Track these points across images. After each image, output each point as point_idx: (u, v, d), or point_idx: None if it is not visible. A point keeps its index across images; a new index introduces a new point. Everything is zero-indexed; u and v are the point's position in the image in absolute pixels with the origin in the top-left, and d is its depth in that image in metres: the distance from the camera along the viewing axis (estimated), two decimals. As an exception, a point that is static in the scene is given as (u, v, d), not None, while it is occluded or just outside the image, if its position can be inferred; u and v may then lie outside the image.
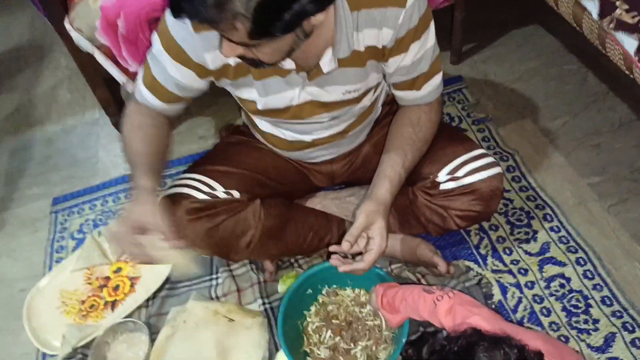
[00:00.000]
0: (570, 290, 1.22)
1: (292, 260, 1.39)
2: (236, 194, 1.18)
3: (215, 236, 1.15)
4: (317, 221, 1.31)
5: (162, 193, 1.18)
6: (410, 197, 1.20)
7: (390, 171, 1.09)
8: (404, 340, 1.08)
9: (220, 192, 1.16)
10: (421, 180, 1.18)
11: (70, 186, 1.76)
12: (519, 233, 1.35)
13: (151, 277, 1.41)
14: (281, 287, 1.33)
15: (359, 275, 1.08)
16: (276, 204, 1.24)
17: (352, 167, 1.33)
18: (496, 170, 1.13)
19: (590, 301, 1.20)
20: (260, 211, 1.19)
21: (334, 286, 1.27)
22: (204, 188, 1.15)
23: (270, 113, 1.09)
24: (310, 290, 1.25)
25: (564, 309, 1.20)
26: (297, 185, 1.35)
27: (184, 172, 1.23)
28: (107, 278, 1.45)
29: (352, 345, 1.18)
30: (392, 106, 1.26)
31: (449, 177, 1.13)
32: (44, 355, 1.34)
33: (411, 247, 1.27)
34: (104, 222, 1.62)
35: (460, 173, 1.13)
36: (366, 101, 1.12)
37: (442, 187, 1.14)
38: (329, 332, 1.20)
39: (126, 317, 1.33)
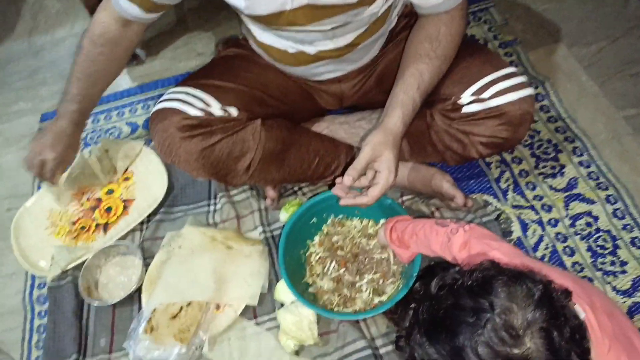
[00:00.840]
0: (597, 230, 1.13)
1: (296, 187, 1.29)
2: (234, 112, 1.06)
3: (210, 157, 1.04)
4: (323, 146, 1.19)
5: (153, 107, 1.07)
6: (427, 120, 1.08)
7: (404, 96, 0.97)
8: (414, 275, 0.99)
9: (216, 108, 1.04)
10: (441, 102, 1.05)
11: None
12: (544, 167, 1.24)
13: (145, 200, 1.33)
14: (283, 216, 1.24)
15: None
16: (278, 125, 1.12)
17: (364, 87, 1.20)
18: (528, 92, 1.00)
19: (619, 242, 1.10)
20: (260, 132, 1.07)
21: (340, 216, 1.18)
22: (197, 103, 1.03)
23: (262, 20, 0.95)
24: (314, 219, 1.16)
25: (589, 249, 1.11)
26: (302, 106, 1.23)
27: (177, 85, 1.10)
28: (99, 199, 1.36)
29: (357, 278, 1.10)
30: (410, 19, 1.11)
31: (473, 98, 1.01)
32: (33, 276, 1.28)
33: (425, 177, 1.17)
34: (95, 140, 1.51)
35: (486, 94, 0.99)
36: (375, 7, 0.96)
37: (465, 109, 1.01)
38: (334, 264, 1.12)
39: (119, 240, 1.26)
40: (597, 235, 1.12)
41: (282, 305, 1.11)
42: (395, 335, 0.97)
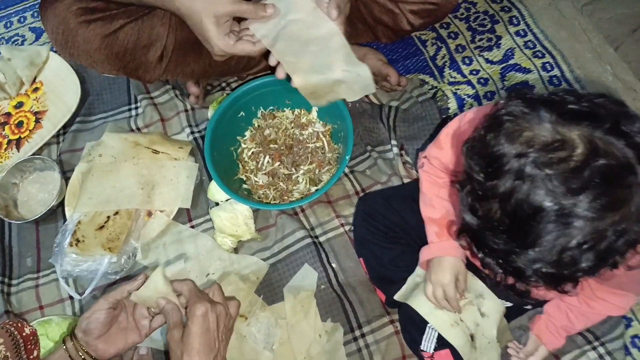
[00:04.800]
0: (534, 99, 1.10)
1: (224, 83, 1.20)
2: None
3: (114, 46, 0.93)
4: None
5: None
6: (355, -8, 0.99)
7: None
8: (347, 157, 0.95)
9: (115, -11, 0.92)
10: None
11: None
12: (480, 40, 1.18)
13: (59, 110, 1.21)
14: (211, 113, 1.15)
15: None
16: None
17: None
18: None
19: (554, 109, 1.08)
20: (170, 16, 0.96)
21: (271, 108, 1.10)
22: (92, -18, 0.90)
23: None
24: (242, 113, 1.08)
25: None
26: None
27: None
28: (8, 114, 1.23)
29: (293, 170, 1.05)
30: None
31: None
32: (-55, 202, 1.17)
33: (358, 57, 1.09)
34: None
35: None
36: None
37: None
38: (267, 158, 1.07)
39: (34, 155, 1.15)
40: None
41: (216, 205, 1.06)
42: None
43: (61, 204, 1.09)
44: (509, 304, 0.83)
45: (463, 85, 1.13)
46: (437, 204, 0.80)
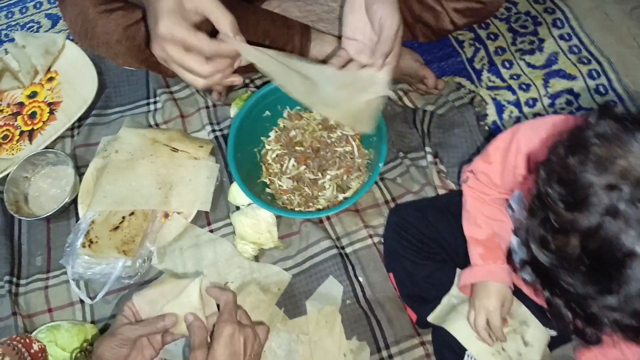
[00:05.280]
0: (579, 108, 1.03)
1: (247, 80, 1.14)
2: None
3: (136, 39, 0.87)
4: (275, 27, 1.03)
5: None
6: (395, -13, 0.92)
7: None
8: (380, 165, 0.89)
9: (138, -25, 0.86)
10: None
11: (-35, -6, 1.39)
12: (522, 42, 1.11)
13: (74, 102, 1.15)
14: (234, 111, 1.10)
15: None
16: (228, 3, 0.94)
17: None
18: None
19: (601, 120, 1.01)
20: None
21: (297, 108, 1.04)
22: (116, -31, 0.85)
23: None
24: (268, 113, 1.02)
25: (569, 129, 1.01)
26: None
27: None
28: (21, 104, 1.18)
29: (319, 175, 0.99)
30: None
31: None
32: (-47, 194, 1.12)
33: None
34: (9, 37, 1.30)
35: None
36: None
37: None
38: (292, 161, 1.01)
39: (47, 148, 1.10)
40: (578, 114, 1.02)
41: (237, 209, 1.00)
42: None
43: (74, 201, 1.04)
44: (554, 333, 0.76)
45: (503, 90, 1.06)
46: (482, 224, 0.73)
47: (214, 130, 1.09)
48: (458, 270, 0.81)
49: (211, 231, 1.00)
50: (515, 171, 0.68)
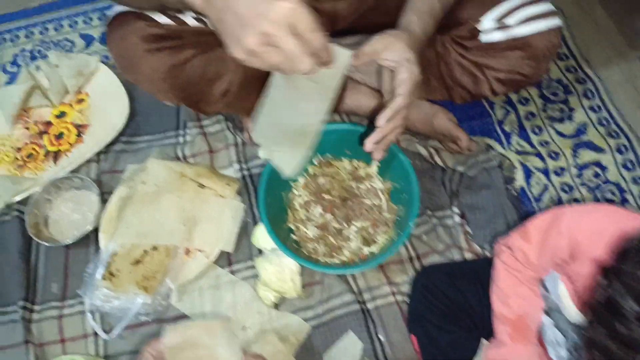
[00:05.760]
0: (606, 181, 1.04)
1: (277, 120, 1.14)
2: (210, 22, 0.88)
3: (180, 78, 0.87)
4: (312, 72, 1.03)
5: (112, 9, 0.88)
6: (438, 49, 0.93)
7: (420, 3, 0.81)
8: (411, 224, 0.89)
9: (188, 16, 0.86)
10: (455, 28, 0.90)
11: (1, 6, 1.40)
12: (552, 110, 1.12)
13: (102, 127, 1.15)
14: (263, 152, 1.09)
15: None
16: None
17: (361, 8, 1.03)
18: (556, 22, 0.86)
19: (627, 195, 1.02)
20: None
21: (328, 155, 1.05)
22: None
23: None
24: (299, 158, 1.02)
25: (595, 201, 1.02)
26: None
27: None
28: (49, 123, 1.18)
29: (345, 225, 0.99)
30: None
31: (495, 24, 0.86)
32: (-29, 209, 1.11)
33: (427, 114, 1.04)
34: (43, 54, 1.30)
35: (511, 20, 0.85)
36: None
37: (485, 37, 0.87)
38: (319, 208, 1.01)
39: (72, 172, 1.09)
40: (605, 186, 1.03)
41: (260, 252, 1.00)
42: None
43: (95, 229, 1.03)
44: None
45: (531, 156, 1.07)
46: (514, 303, 0.73)
47: (241, 169, 1.09)
48: (484, 340, 0.81)
49: (232, 272, 1.00)
50: (555, 253, 0.68)
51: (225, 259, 1.01)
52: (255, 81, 0.94)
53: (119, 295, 0.93)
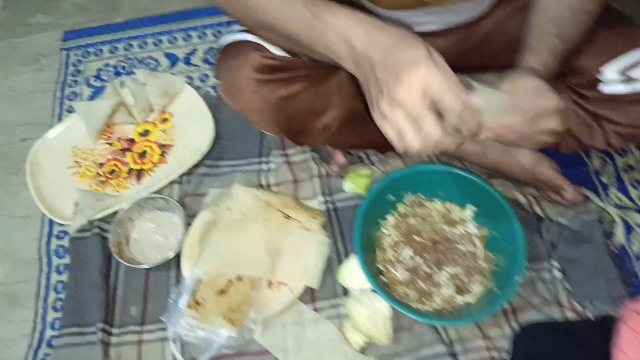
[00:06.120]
0: None
1: (362, 154, 1.12)
2: (321, 56, 0.87)
3: (288, 110, 0.86)
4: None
5: (225, 38, 0.87)
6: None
7: (537, 43, 0.77)
8: (518, 279, 0.84)
9: (302, 49, 0.85)
10: (573, 76, 0.87)
11: (86, 19, 1.42)
12: (653, 163, 1.08)
13: (186, 148, 1.14)
14: (348, 186, 1.07)
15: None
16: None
17: (461, 48, 1.01)
18: None
19: None
20: (347, 85, 0.89)
21: (420, 194, 1.01)
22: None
23: None
24: (391, 196, 0.99)
25: (703, 265, 0.97)
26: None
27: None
28: (132, 141, 1.17)
29: (436, 270, 0.95)
30: None
31: (619, 76, 0.83)
32: (50, 222, 1.10)
33: (530, 162, 1.00)
34: (127, 70, 1.30)
35: (637, 73, 0.82)
36: None
37: (607, 88, 0.84)
38: (409, 250, 0.97)
39: (155, 192, 1.08)
40: None
41: (345, 290, 0.97)
42: None
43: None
44: None
45: (631, 211, 1.02)
46: None
47: (326, 202, 1.06)
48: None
49: (315, 310, 0.96)
50: None
51: (308, 295, 0.98)
52: (358, 119, 0.92)
53: (204, 326, 0.90)
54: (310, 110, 0.88)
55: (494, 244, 0.95)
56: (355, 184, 1.06)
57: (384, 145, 1.03)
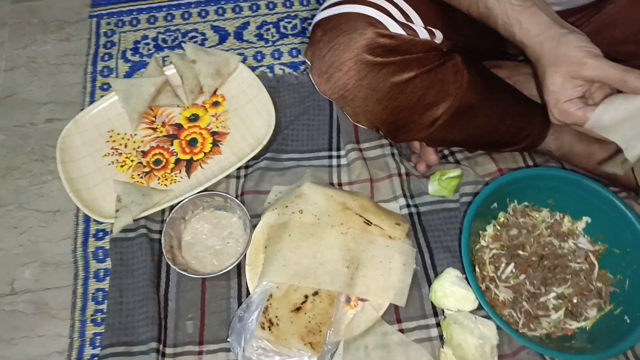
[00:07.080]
0: None
1: (447, 151, 0.98)
2: (439, 36, 0.73)
3: (397, 100, 0.72)
4: (518, 105, 0.88)
5: (327, 10, 0.71)
6: None
7: None
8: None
9: (419, 26, 0.71)
10: None
11: (118, -16, 1.24)
12: None
13: (243, 137, 1.00)
14: (433, 187, 0.93)
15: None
16: (476, 66, 0.80)
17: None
18: None
19: None
20: (463, 72, 0.75)
21: (526, 203, 0.88)
22: (397, 15, 0.69)
23: None
24: (495, 205, 0.86)
25: None
26: (485, 41, 0.89)
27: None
28: (179, 126, 1.02)
29: (543, 290, 0.82)
30: None
31: None
32: (87, 218, 0.94)
33: (593, 154, 0.89)
34: (170, 44, 1.14)
35: None
36: None
37: None
38: (511, 267, 0.84)
39: (209, 187, 0.93)
40: None
41: (435, 310, 0.84)
42: None
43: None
44: None
45: None
46: None
47: (408, 205, 0.93)
48: None
49: (401, 331, 0.83)
50: None
51: (392, 314, 0.84)
52: (464, 112, 0.78)
53: (280, 350, 0.77)
54: (421, 101, 0.73)
55: (609, 260, 0.83)
56: (441, 186, 0.93)
57: (483, 143, 0.90)
